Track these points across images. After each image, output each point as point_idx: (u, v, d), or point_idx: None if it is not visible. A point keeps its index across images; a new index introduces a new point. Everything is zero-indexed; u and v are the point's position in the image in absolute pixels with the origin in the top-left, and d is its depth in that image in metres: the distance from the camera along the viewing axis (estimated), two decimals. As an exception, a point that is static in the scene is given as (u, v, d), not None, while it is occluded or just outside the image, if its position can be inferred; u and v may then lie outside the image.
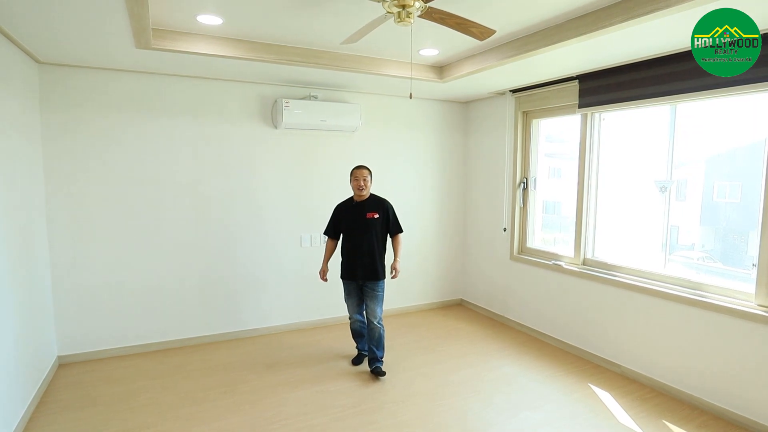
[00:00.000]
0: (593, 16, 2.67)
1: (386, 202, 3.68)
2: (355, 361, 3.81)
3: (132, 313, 3.96)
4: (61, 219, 3.65)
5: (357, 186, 3.54)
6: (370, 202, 3.62)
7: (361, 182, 3.53)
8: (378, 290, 3.58)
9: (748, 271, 3.04)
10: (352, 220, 3.60)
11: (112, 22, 2.60)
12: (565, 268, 4.10)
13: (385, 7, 2.22)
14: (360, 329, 3.79)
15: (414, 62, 3.92)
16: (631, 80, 3.41)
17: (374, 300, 3.58)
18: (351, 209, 3.64)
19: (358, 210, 3.60)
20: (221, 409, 3.09)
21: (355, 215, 3.60)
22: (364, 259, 3.54)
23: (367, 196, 3.63)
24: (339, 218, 3.69)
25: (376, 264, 3.56)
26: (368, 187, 3.59)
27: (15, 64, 3.01)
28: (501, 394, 3.32)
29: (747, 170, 3.36)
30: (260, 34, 3.20)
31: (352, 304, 3.72)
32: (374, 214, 3.57)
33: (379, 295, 3.59)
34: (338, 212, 3.72)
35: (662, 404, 3.18)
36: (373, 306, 3.59)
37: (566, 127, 4.44)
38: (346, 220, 3.64)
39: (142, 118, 3.86)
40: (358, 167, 3.59)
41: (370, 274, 3.55)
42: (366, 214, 3.57)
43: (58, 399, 3.20)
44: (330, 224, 3.76)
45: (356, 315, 3.75)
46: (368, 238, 3.55)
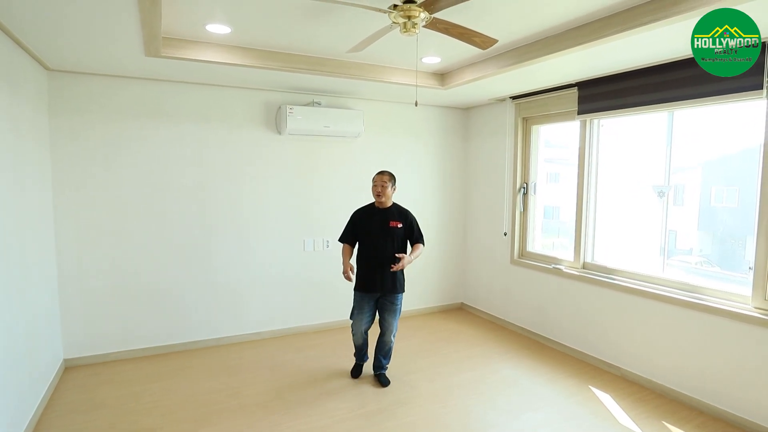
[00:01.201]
0: (592, 26, 2.74)
1: (410, 213, 3.51)
2: (354, 374, 3.65)
3: (137, 316, 4.00)
4: (68, 223, 3.70)
5: (375, 192, 3.39)
6: (394, 211, 3.45)
7: (379, 188, 3.37)
8: (397, 303, 3.43)
9: (746, 275, 3.10)
10: (374, 227, 3.40)
11: (123, 31, 2.66)
12: (565, 271, 4.16)
13: (391, 17, 2.29)
14: (363, 345, 3.61)
15: (417, 70, 3.99)
16: (630, 88, 3.48)
17: (392, 314, 3.42)
18: (372, 216, 3.45)
19: (381, 217, 3.42)
20: (226, 411, 3.12)
21: (376, 222, 3.41)
22: (385, 269, 3.35)
23: (390, 204, 3.47)
24: (357, 224, 3.48)
25: (396, 276, 3.39)
26: (387, 194, 3.39)
27: (25, 70, 3.06)
28: (503, 396, 3.36)
29: (743, 175, 3.41)
30: (267, 43, 3.27)
31: (361, 320, 3.47)
32: (398, 223, 3.40)
33: (398, 309, 3.44)
34: (357, 218, 3.51)
35: (662, 406, 3.22)
36: (390, 319, 3.43)
37: (564, 133, 4.51)
38: (365, 227, 3.43)
39: (148, 124, 3.91)
40: (378, 173, 3.45)
41: (390, 286, 3.38)
42: (390, 222, 3.39)
43: (65, 402, 3.23)
44: (346, 230, 3.54)
45: (361, 332, 3.53)
46: (390, 248, 3.37)
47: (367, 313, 3.46)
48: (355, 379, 3.61)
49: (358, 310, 3.46)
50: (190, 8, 2.63)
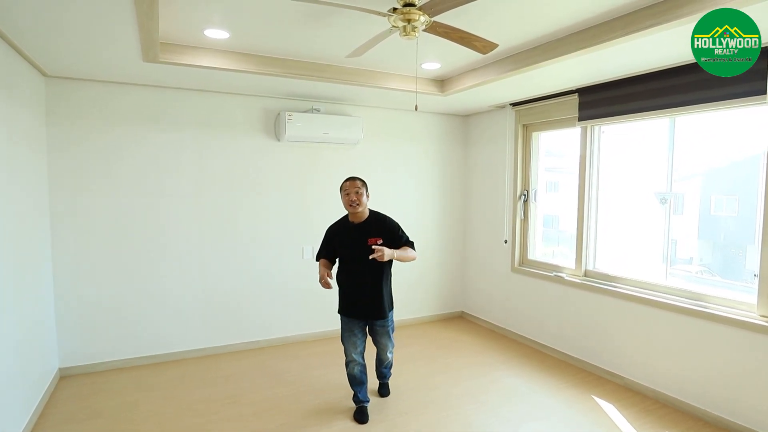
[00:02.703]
0: (594, 30, 2.72)
1: (388, 219, 3.06)
2: (358, 417, 3.07)
3: (133, 325, 3.95)
4: (65, 230, 3.66)
5: (348, 201, 2.93)
6: (371, 223, 3.00)
7: (353, 196, 2.92)
8: (388, 325, 3.11)
9: (747, 284, 3.06)
10: (350, 247, 2.98)
11: (121, 36, 2.65)
12: (566, 279, 4.11)
13: (391, 21, 2.27)
14: (360, 375, 3.14)
15: (416, 76, 3.98)
16: (631, 93, 3.46)
17: (384, 336, 3.13)
18: (348, 233, 3.02)
19: (357, 234, 2.97)
20: (223, 421, 3.07)
21: (353, 241, 2.97)
22: (367, 296, 2.99)
23: (366, 216, 3.02)
24: (332, 243, 3.09)
25: (382, 300, 3.00)
26: (363, 203, 2.95)
27: (22, 76, 3.05)
28: (504, 405, 3.30)
29: (744, 184, 3.39)
30: (266, 48, 3.26)
31: (351, 345, 3.08)
32: (377, 240, 2.93)
33: (390, 329, 3.14)
34: (331, 235, 3.12)
35: (666, 416, 3.17)
36: (384, 342, 3.16)
37: (564, 142, 4.49)
38: (342, 247, 3.04)
39: (146, 130, 3.89)
40: (349, 179, 2.99)
41: (375, 312, 3.01)
42: (368, 240, 2.93)
43: (60, 411, 3.18)
44: (322, 248, 3.16)
45: (356, 356, 3.10)
46: (371, 270, 2.94)
47: (357, 334, 3.09)
48: (362, 425, 3.03)
49: (348, 333, 3.09)
50: (187, 13, 2.61)
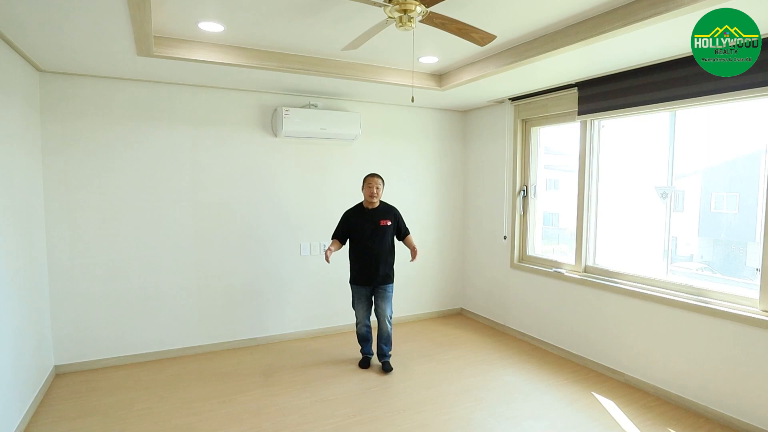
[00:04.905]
0: (593, 21, 2.68)
1: (395, 208, 3.88)
2: (362, 365, 3.90)
3: (130, 323, 3.92)
4: (60, 227, 3.63)
5: (369, 193, 3.70)
6: (382, 210, 3.79)
7: (373, 189, 3.69)
8: (389, 291, 3.82)
9: (748, 280, 3.03)
10: (365, 227, 3.73)
11: (114, 28, 2.61)
12: (566, 275, 4.08)
13: (387, 12, 2.23)
14: (366, 334, 3.91)
15: (414, 70, 3.94)
16: (631, 87, 3.42)
17: (386, 300, 3.79)
18: (363, 216, 3.76)
19: (371, 217, 3.75)
20: (220, 418, 3.04)
21: (368, 222, 3.73)
22: (379, 265, 3.72)
23: (378, 204, 3.79)
24: (349, 225, 3.79)
25: (388, 269, 3.79)
26: (380, 195, 3.76)
27: (16, 72, 3.01)
28: (504, 403, 3.27)
29: (744, 181, 3.36)
30: (261, 42, 3.22)
31: (361, 310, 3.84)
32: (387, 222, 3.75)
33: (390, 296, 3.82)
34: (348, 218, 3.82)
35: (667, 412, 3.14)
36: (384, 305, 3.78)
37: (563, 139, 4.45)
38: (358, 227, 3.74)
39: (142, 126, 3.86)
40: (372, 175, 3.76)
41: (383, 278, 3.76)
42: (380, 221, 3.73)
43: (55, 408, 3.15)
44: (339, 229, 3.85)
45: (365, 320, 3.87)
46: (382, 245, 3.73)
47: (365, 302, 3.84)
48: (364, 369, 3.84)
49: (357, 300, 3.84)
50: (181, 5, 2.58)
